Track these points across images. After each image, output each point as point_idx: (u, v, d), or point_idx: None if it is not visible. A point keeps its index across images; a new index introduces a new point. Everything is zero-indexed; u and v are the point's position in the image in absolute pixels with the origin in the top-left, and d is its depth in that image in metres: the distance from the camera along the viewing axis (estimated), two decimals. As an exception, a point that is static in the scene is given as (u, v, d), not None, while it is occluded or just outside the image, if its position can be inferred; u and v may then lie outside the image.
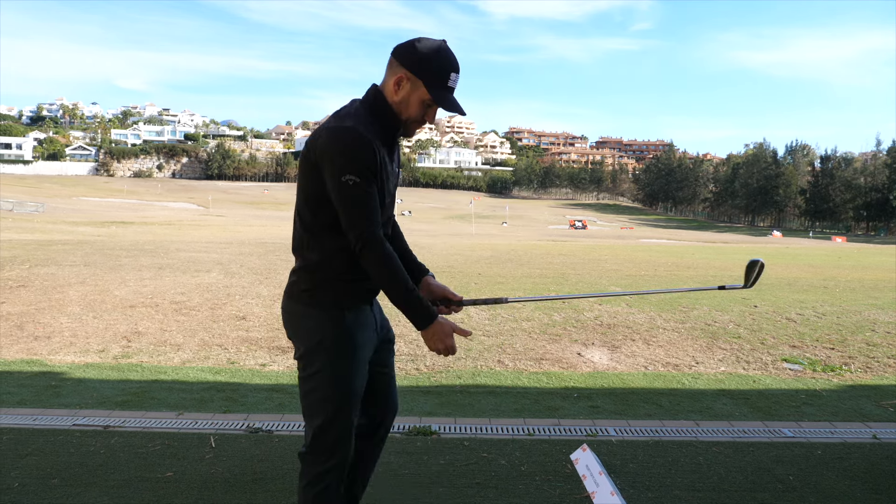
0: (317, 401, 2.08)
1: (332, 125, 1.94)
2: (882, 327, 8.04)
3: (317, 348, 2.05)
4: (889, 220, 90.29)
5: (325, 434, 2.08)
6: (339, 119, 1.96)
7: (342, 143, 1.90)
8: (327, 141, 1.92)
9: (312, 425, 2.09)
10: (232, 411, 4.29)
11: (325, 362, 2.05)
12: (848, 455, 3.61)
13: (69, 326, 7.05)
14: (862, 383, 5.47)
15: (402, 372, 5.54)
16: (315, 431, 2.08)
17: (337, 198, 1.92)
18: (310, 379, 2.07)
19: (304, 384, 2.10)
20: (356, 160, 1.89)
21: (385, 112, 2.02)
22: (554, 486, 3.14)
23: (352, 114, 1.98)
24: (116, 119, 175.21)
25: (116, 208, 68.97)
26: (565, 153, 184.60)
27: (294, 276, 2.11)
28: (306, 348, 2.07)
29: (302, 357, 2.09)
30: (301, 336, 2.09)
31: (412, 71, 1.97)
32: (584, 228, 71.48)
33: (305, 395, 2.10)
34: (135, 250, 17.11)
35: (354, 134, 1.90)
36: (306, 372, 2.08)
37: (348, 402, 2.09)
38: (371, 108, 2.02)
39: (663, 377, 5.54)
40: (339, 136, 1.91)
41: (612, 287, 11.61)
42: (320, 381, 2.06)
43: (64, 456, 3.36)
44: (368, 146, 1.91)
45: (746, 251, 29.11)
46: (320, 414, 2.07)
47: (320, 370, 2.05)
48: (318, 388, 2.07)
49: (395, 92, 2.00)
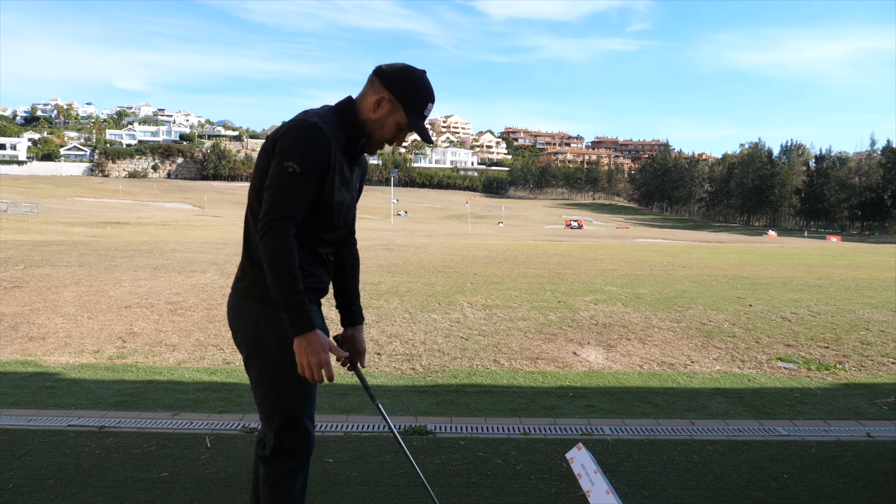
0: (275, 400, 2.05)
1: (297, 118, 1.97)
2: (876, 326, 8.07)
3: (268, 345, 2.02)
4: (884, 220, 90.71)
5: (287, 434, 2.06)
6: (305, 115, 1.99)
7: (298, 134, 1.92)
8: (285, 130, 1.94)
9: (273, 427, 2.06)
10: (227, 411, 4.28)
11: (277, 361, 2.01)
12: (842, 453, 3.63)
13: (64, 327, 7.03)
14: (856, 382, 5.50)
15: (397, 371, 5.54)
16: (277, 432, 2.05)
17: (270, 180, 1.92)
18: (263, 377, 2.05)
19: (258, 385, 2.07)
20: (304, 151, 1.90)
21: (354, 124, 2.04)
22: (549, 485, 3.14)
23: (319, 113, 2.00)
24: (111, 119, 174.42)
25: (111, 209, 68.76)
26: (561, 153, 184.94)
27: (240, 272, 2.09)
28: (256, 348, 2.04)
29: (251, 355, 2.06)
30: (249, 335, 2.05)
31: (396, 95, 2.01)
32: (580, 228, 71.64)
33: (262, 395, 2.07)
34: (130, 251, 17.06)
35: (313, 128, 1.92)
36: (259, 371, 2.05)
37: (304, 398, 2.08)
38: (341, 116, 2.04)
39: (658, 376, 5.55)
40: (297, 127, 1.93)
41: (608, 287, 11.63)
42: (274, 381, 2.03)
43: (59, 456, 3.35)
44: (324, 143, 1.92)
45: (743, 250, 29.19)
46: (279, 415, 2.05)
47: (272, 370, 2.03)
48: (273, 388, 2.04)
49: (373, 110, 2.03)
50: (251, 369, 2.08)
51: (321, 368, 1.90)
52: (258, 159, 2.03)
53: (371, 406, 4.46)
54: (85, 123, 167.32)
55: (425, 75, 2.06)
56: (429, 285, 11.31)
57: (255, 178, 2.03)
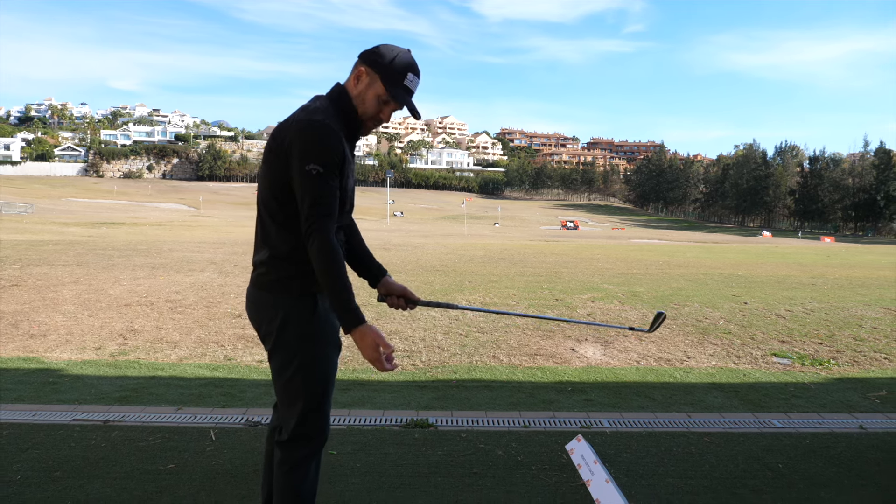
0: (298, 388, 2.11)
1: (302, 118, 2.00)
2: (869, 323, 8.16)
3: (293, 336, 2.08)
4: (877, 221, 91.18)
5: (307, 420, 2.12)
6: (308, 113, 2.02)
7: (311, 134, 1.96)
8: (297, 133, 1.98)
9: (295, 412, 2.12)
10: (231, 406, 4.33)
11: (302, 349, 2.08)
12: (835, 444, 3.71)
13: (65, 324, 7.06)
14: (849, 376, 5.57)
15: (398, 367, 5.59)
16: (298, 418, 2.11)
17: (299, 186, 1.97)
18: (287, 366, 2.10)
19: (281, 372, 2.12)
20: (323, 152, 1.96)
21: (349, 109, 2.11)
22: (550, 475, 3.20)
23: (320, 109, 2.04)
24: (106, 119, 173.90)
25: (106, 209, 68.57)
26: (557, 154, 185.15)
27: (263, 267, 2.13)
28: (281, 337, 2.10)
29: (277, 346, 2.11)
30: (274, 325, 2.09)
31: (370, 66, 2.07)
32: (576, 229, 71.77)
33: (285, 383, 2.12)
34: (127, 250, 17.06)
35: (324, 127, 1.97)
36: (283, 360, 2.11)
37: (327, 385, 2.15)
38: (336, 104, 2.10)
39: (655, 371, 5.62)
40: (309, 128, 1.97)
41: (605, 285, 11.71)
42: (299, 368, 2.09)
43: (65, 449, 3.40)
44: (337, 140, 1.99)
45: (737, 250, 29.33)
46: (302, 400, 2.11)
47: (299, 357, 2.09)
48: (297, 374, 2.10)
49: (354, 85, 2.11)
50: (274, 359, 2.14)
51: (383, 358, 1.99)
52: (266, 159, 2.07)
53: (372, 400, 4.52)
54: (79, 124, 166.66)
55: (407, 52, 2.11)
56: (427, 283, 11.36)
57: (263, 174, 2.09)
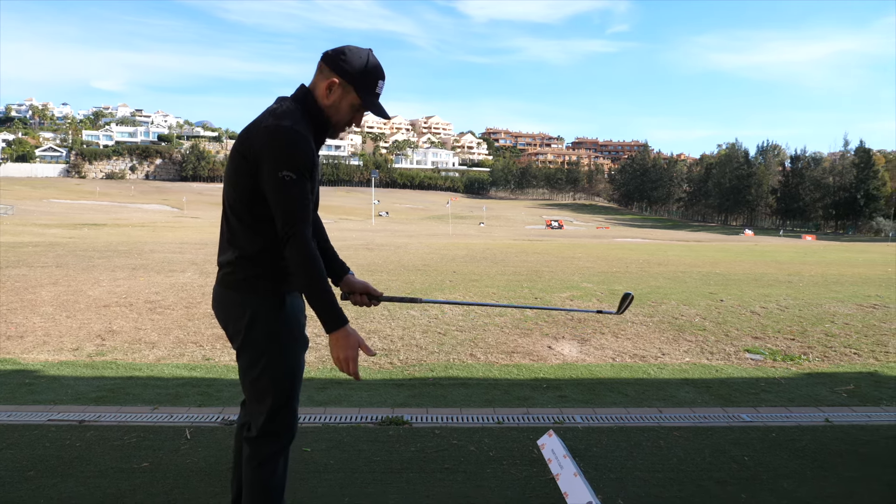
0: (266, 385, 2.14)
1: (271, 123, 2.01)
2: (840, 319, 8.33)
3: (260, 334, 2.11)
4: (857, 219, 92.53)
5: (276, 416, 2.16)
6: (276, 118, 2.03)
7: (282, 141, 1.97)
8: (267, 139, 1.99)
9: (263, 409, 2.15)
10: (207, 405, 4.35)
11: (270, 347, 2.12)
12: (801, 437, 3.80)
13: (42, 326, 7.02)
14: (819, 371, 5.70)
15: (375, 366, 5.63)
16: (267, 415, 2.15)
17: (272, 192, 1.99)
18: (255, 364, 2.14)
19: (249, 371, 2.15)
20: (295, 158, 1.98)
21: (316, 113, 2.13)
22: (520, 470, 3.26)
23: (288, 113, 2.05)
24: (88, 120, 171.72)
25: (88, 210, 67.79)
26: (542, 154, 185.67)
27: (229, 267, 2.15)
28: (249, 336, 2.11)
29: (245, 345, 2.13)
30: (242, 324, 2.11)
31: (344, 77, 2.08)
32: (561, 228, 72.09)
33: (254, 381, 2.16)
34: (108, 251, 16.93)
35: (294, 133, 1.99)
36: (251, 358, 2.14)
37: (295, 382, 2.19)
38: (303, 106, 2.12)
39: (630, 368, 5.71)
40: (279, 134, 1.98)
41: (584, 284, 11.82)
42: (267, 366, 2.13)
43: (40, 449, 3.40)
44: (307, 145, 2.01)
45: (718, 248, 29.66)
46: (270, 397, 2.14)
47: (267, 355, 2.12)
48: (265, 373, 2.13)
49: (325, 96, 2.11)
50: (242, 357, 2.17)
51: (351, 363, 2.06)
52: (233, 159, 2.08)
53: (348, 398, 4.56)
54: (61, 124, 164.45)
55: (371, 53, 2.13)
56: (408, 283, 11.41)
57: (230, 177, 2.10)
